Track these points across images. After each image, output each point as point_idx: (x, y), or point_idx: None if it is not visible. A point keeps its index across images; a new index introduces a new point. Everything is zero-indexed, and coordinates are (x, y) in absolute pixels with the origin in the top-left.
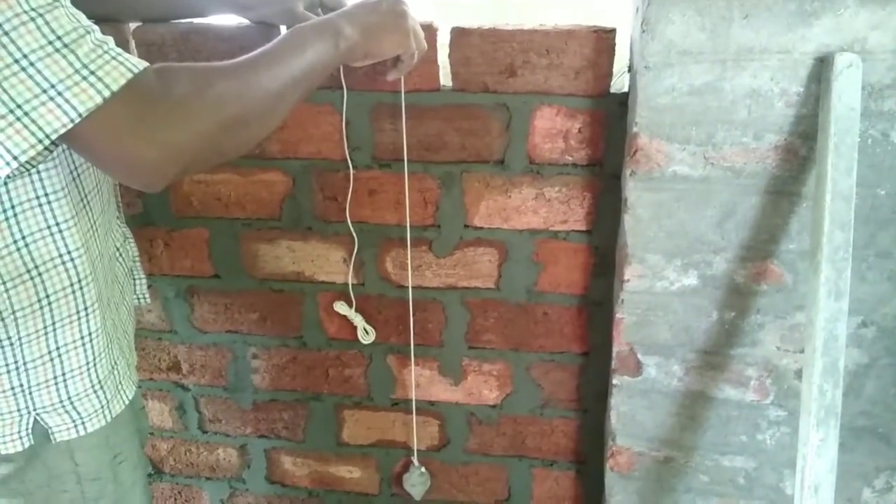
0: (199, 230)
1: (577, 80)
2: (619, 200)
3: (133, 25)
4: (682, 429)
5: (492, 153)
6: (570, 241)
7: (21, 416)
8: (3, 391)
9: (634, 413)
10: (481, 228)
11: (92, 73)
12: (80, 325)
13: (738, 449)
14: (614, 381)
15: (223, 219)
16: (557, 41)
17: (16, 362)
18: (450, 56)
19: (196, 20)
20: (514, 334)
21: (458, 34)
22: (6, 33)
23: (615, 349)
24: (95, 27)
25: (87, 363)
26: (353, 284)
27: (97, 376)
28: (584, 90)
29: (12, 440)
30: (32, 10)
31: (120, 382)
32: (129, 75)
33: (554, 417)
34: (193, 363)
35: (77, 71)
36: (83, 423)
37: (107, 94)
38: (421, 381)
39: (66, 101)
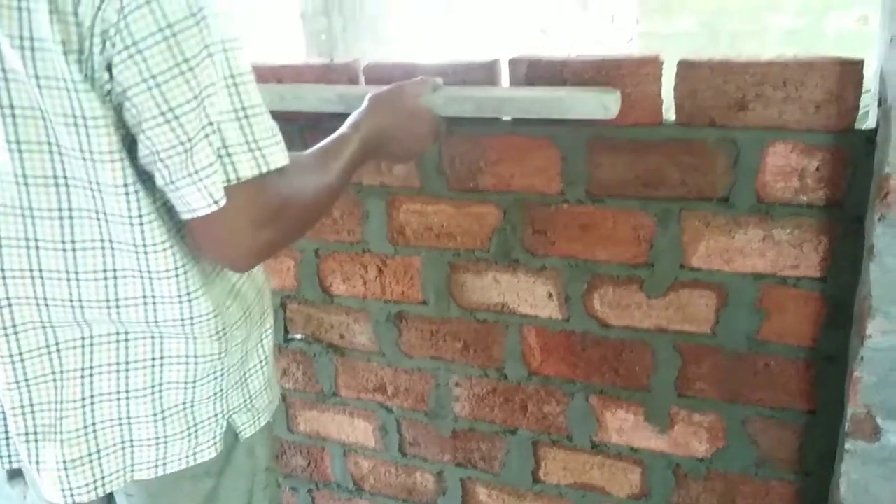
0: (411, 258)
1: (818, 115)
2: (861, 247)
3: (364, 63)
4: None
5: (715, 190)
6: (800, 288)
7: (217, 420)
8: (206, 398)
9: (868, 483)
10: (699, 270)
11: (259, 148)
12: (262, 324)
13: None
14: (846, 446)
15: (434, 248)
16: (797, 73)
17: (220, 370)
18: (675, 89)
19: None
20: (731, 385)
21: (686, 67)
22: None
23: (849, 410)
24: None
25: (261, 362)
26: (557, 319)
27: (268, 373)
28: (824, 125)
29: (208, 447)
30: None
31: (275, 379)
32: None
33: (770, 479)
34: (398, 386)
35: (248, 142)
36: (259, 417)
37: (264, 169)
38: (624, 425)
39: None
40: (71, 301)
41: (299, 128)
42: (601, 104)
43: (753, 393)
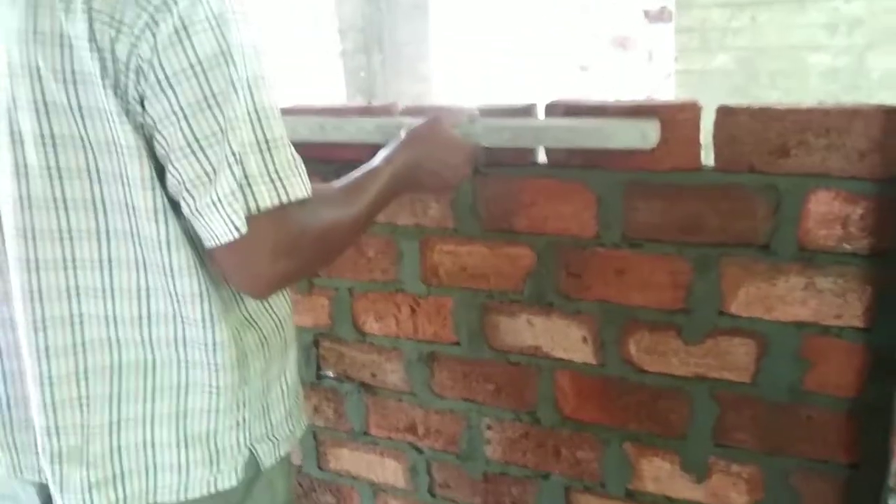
0: (444, 298)
1: (862, 163)
2: None
3: (402, 104)
4: None
5: (756, 237)
6: (844, 338)
7: (239, 449)
8: (229, 427)
9: None
10: (738, 317)
11: (280, 179)
12: (283, 356)
13: None
14: (890, 502)
15: (468, 289)
16: (839, 120)
17: (242, 400)
18: (714, 135)
19: None
20: (771, 436)
21: (725, 113)
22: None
23: (893, 465)
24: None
25: (283, 393)
26: (592, 364)
27: (289, 404)
28: (869, 173)
29: (229, 475)
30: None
31: (300, 410)
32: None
33: None
34: (429, 427)
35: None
36: (279, 447)
37: (284, 200)
38: (660, 474)
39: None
40: (106, 317)
41: (336, 168)
42: (640, 133)
43: (794, 444)
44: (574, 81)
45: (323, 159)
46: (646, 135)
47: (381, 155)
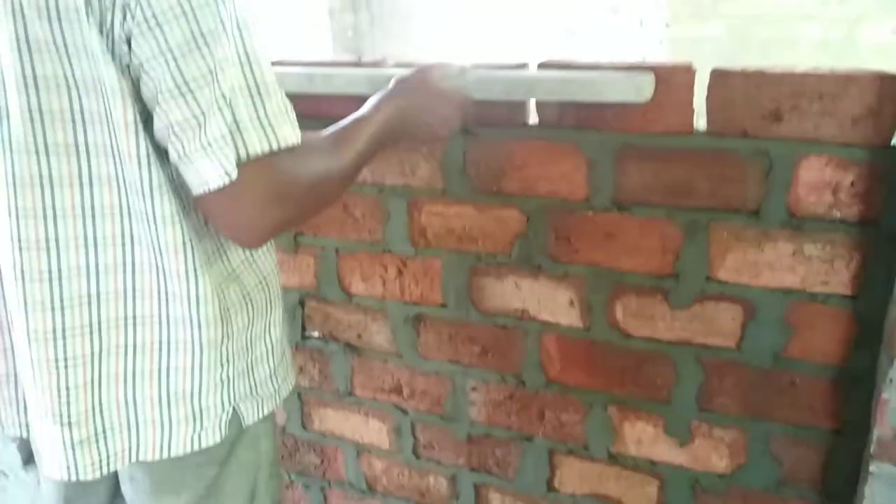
0: (432, 260)
1: (855, 130)
2: (894, 265)
3: (392, 60)
4: None
5: (745, 203)
6: (830, 305)
7: (223, 407)
8: (213, 385)
9: None
10: (726, 283)
11: (271, 125)
12: (268, 313)
13: None
14: (871, 469)
15: (456, 251)
16: (834, 86)
17: (226, 358)
18: (707, 98)
19: None
20: (754, 401)
21: (719, 75)
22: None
23: (876, 432)
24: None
25: (268, 351)
26: (578, 328)
27: (274, 363)
28: (861, 140)
29: (213, 432)
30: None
31: (286, 369)
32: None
33: (792, 498)
34: (414, 388)
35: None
36: (263, 405)
37: (275, 146)
38: (643, 437)
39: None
40: (87, 268)
41: (324, 124)
42: (634, 86)
43: (777, 410)
44: (561, 46)
45: (311, 115)
46: (640, 88)
47: (370, 103)
